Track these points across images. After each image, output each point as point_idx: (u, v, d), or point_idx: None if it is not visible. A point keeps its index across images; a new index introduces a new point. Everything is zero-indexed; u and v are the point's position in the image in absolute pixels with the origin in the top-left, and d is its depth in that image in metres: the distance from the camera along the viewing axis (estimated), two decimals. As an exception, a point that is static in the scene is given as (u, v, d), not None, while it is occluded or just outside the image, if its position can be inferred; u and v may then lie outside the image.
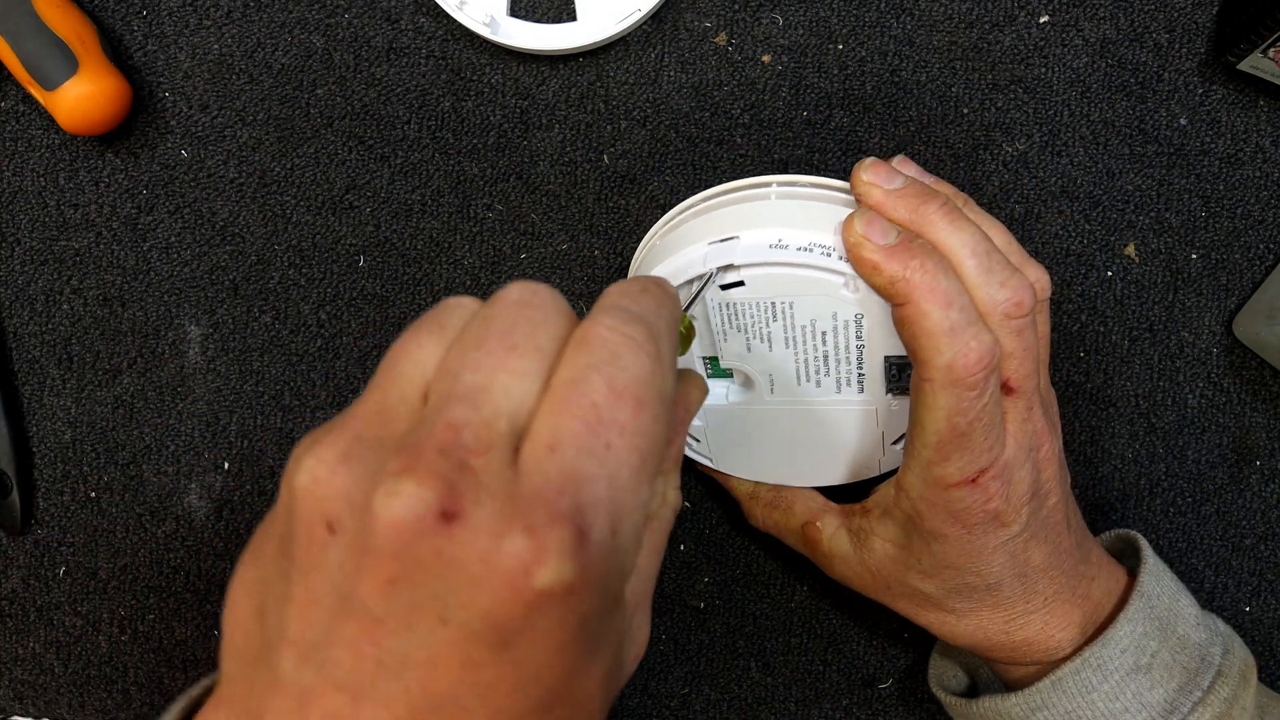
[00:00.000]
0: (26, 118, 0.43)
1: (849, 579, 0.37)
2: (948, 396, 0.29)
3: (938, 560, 0.33)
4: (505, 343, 0.22)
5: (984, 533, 0.32)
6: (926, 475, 0.31)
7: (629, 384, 0.22)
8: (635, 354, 0.22)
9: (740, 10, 0.41)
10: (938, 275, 0.29)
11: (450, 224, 0.43)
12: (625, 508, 0.21)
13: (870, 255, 0.30)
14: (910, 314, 0.30)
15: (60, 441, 0.45)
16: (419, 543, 0.19)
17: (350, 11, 0.42)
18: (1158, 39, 0.40)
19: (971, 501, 0.31)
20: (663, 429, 0.22)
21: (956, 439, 0.30)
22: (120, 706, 0.46)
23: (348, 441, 0.21)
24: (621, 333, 0.22)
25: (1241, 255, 0.41)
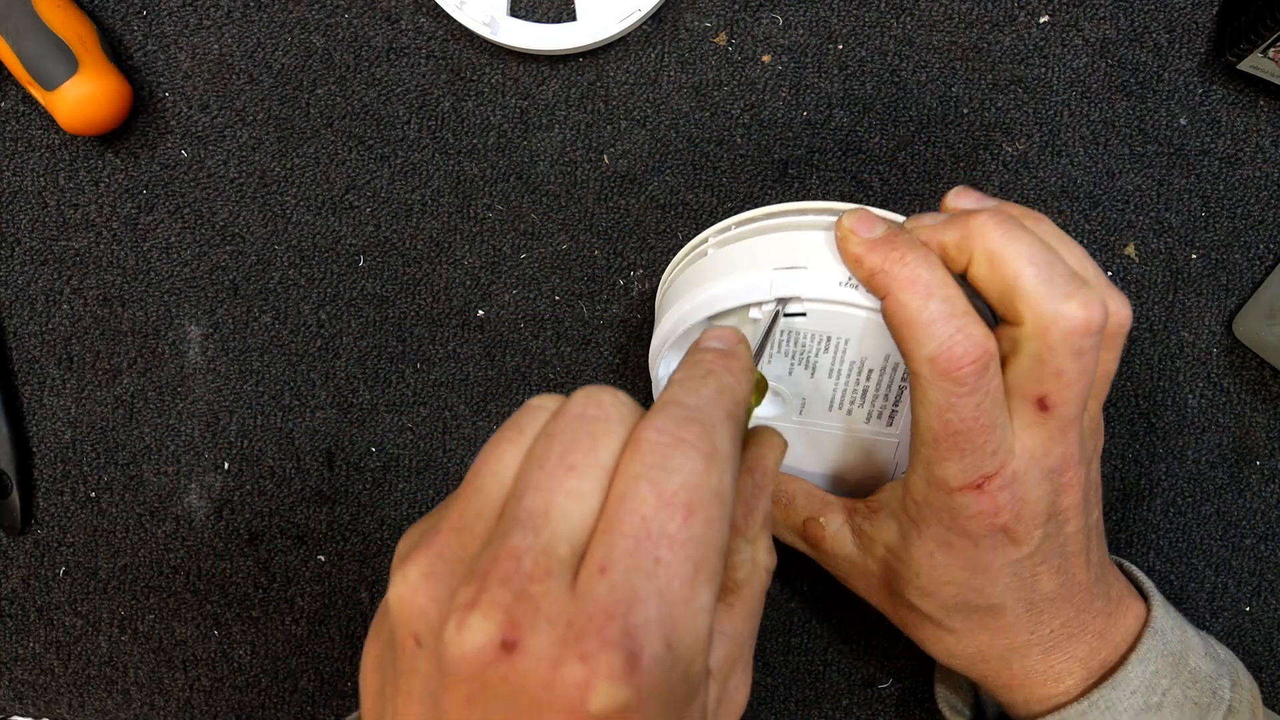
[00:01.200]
0: (26, 118, 0.43)
1: (851, 579, 0.36)
2: (935, 391, 0.28)
3: (939, 574, 0.31)
4: (565, 463, 0.23)
5: (991, 548, 0.30)
6: (929, 476, 0.30)
7: (678, 490, 0.22)
8: (685, 456, 0.22)
9: (740, 10, 0.41)
10: (917, 267, 0.29)
11: (450, 224, 0.43)
12: (681, 619, 0.21)
13: (853, 249, 0.30)
14: (890, 307, 0.29)
15: (60, 441, 0.45)
16: (487, 671, 0.21)
17: (350, 11, 0.42)
18: (1158, 39, 0.40)
19: (978, 510, 0.29)
20: (718, 528, 0.22)
21: (951, 437, 0.29)
22: (120, 706, 0.46)
23: (430, 561, 0.23)
24: (672, 435, 0.23)
25: (1241, 255, 0.41)
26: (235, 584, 0.45)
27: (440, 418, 0.44)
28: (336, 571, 0.45)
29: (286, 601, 0.45)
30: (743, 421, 0.25)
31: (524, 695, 0.21)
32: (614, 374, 0.43)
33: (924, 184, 0.41)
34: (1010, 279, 0.28)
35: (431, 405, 0.44)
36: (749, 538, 0.27)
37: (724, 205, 0.42)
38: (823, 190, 0.41)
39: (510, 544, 0.22)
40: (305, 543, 0.45)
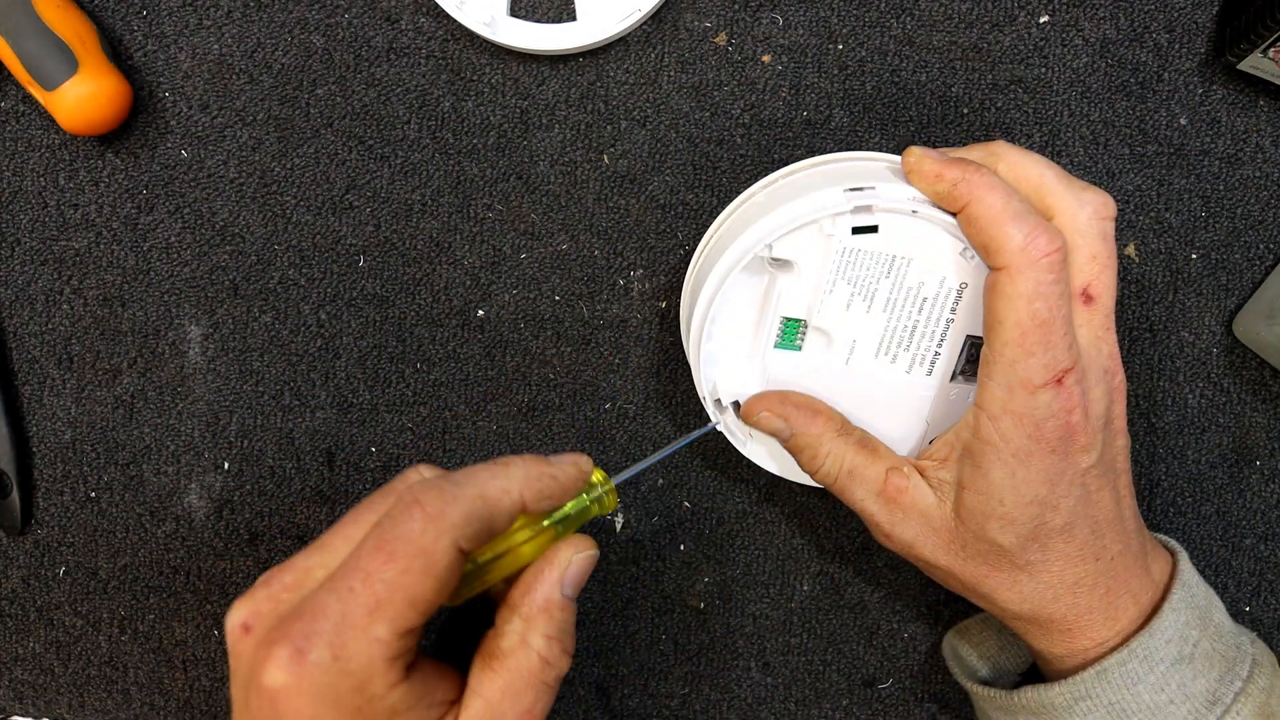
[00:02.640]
0: (26, 118, 0.43)
1: (921, 539, 0.35)
2: (1026, 281, 0.30)
3: (1021, 493, 0.32)
4: (354, 516, 0.31)
5: (1064, 453, 0.31)
6: (1011, 379, 0.31)
7: (390, 539, 0.28)
8: (409, 514, 0.28)
9: (740, 10, 0.41)
10: (993, 175, 0.31)
11: (450, 224, 0.43)
12: (351, 639, 0.27)
13: (931, 165, 0.32)
14: (976, 210, 0.31)
15: (60, 441, 0.45)
16: (234, 644, 0.30)
17: (350, 11, 0.42)
18: (1158, 39, 0.40)
19: (1057, 407, 0.31)
20: (415, 579, 0.27)
21: (1039, 328, 0.30)
22: (120, 706, 0.46)
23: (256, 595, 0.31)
24: (412, 495, 0.28)
25: (1241, 255, 0.41)
26: (235, 584, 0.45)
27: (440, 418, 0.44)
28: (336, 571, 0.45)
29: (286, 601, 0.45)
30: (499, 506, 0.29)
31: (241, 663, 0.29)
32: (614, 374, 0.43)
33: (924, 184, 0.41)
34: (1035, 179, 0.32)
35: (431, 405, 0.44)
36: (522, 614, 0.31)
37: (724, 205, 0.42)
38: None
39: (294, 561, 0.30)
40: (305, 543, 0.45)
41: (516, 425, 0.44)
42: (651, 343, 0.43)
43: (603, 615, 0.44)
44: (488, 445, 0.44)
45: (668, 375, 0.43)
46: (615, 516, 0.44)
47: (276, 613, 0.29)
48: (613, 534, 0.44)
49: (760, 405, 0.37)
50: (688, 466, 0.43)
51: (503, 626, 0.31)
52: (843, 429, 0.36)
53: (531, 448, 0.44)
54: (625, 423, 0.43)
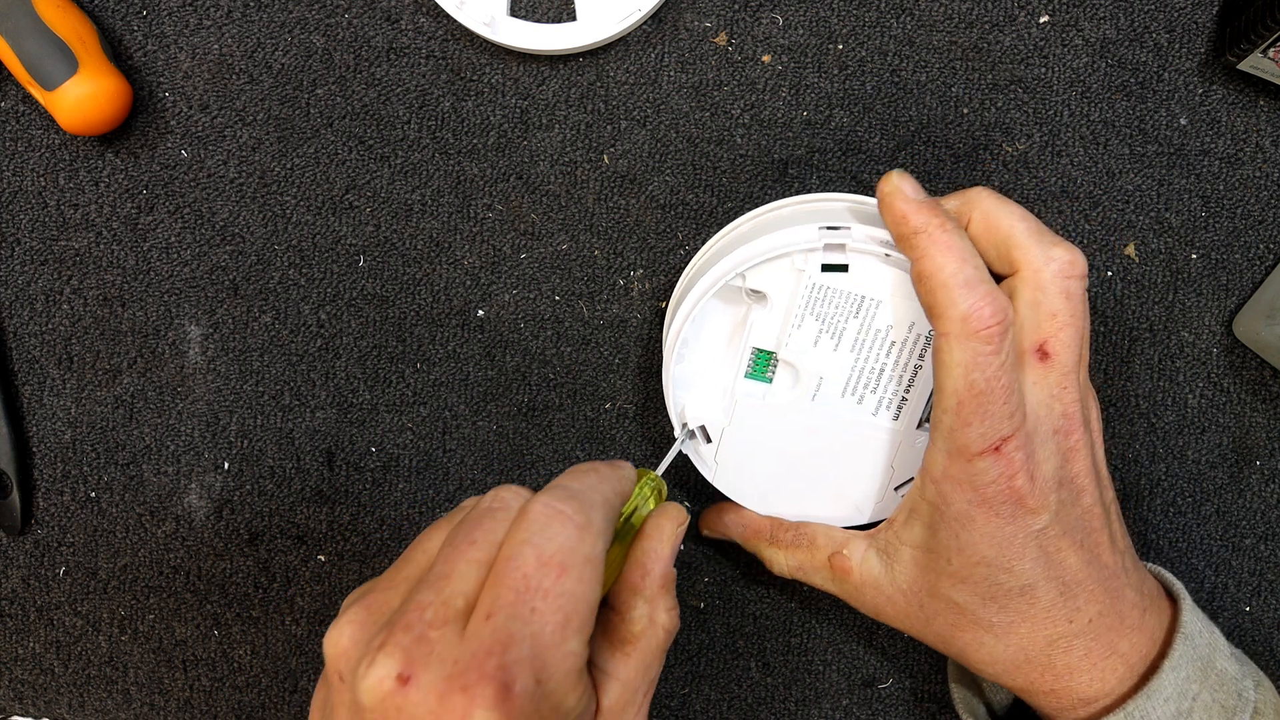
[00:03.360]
0: (26, 118, 0.43)
1: (882, 608, 0.36)
2: (964, 350, 0.30)
3: (967, 555, 0.32)
4: (468, 539, 0.28)
5: (1011, 517, 0.31)
6: (950, 445, 0.31)
7: (555, 553, 0.27)
8: (563, 526, 0.28)
9: (740, 10, 0.41)
10: (955, 234, 0.31)
11: (450, 224, 0.43)
12: (551, 659, 0.26)
13: (901, 205, 0.31)
14: (928, 268, 0.31)
15: (60, 441, 0.45)
16: (386, 701, 0.26)
17: (350, 11, 0.42)
18: (1158, 39, 0.40)
19: (996, 474, 0.30)
20: (589, 586, 0.27)
21: (975, 398, 0.30)
22: (120, 706, 0.46)
23: (358, 613, 0.28)
24: (553, 508, 0.28)
25: (1241, 255, 0.41)
26: (235, 584, 0.45)
27: (440, 418, 0.44)
28: (336, 571, 0.45)
29: (286, 601, 0.45)
30: (617, 510, 0.31)
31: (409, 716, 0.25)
32: (614, 374, 0.43)
33: (924, 184, 0.41)
34: (1005, 231, 0.32)
35: (431, 405, 0.44)
36: (646, 596, 0.31)
37: (724, 205, 0.42)
38: (823, 190, 0.41)
39: (417, 599, 0.27)
40: (305, 543, 0.45)
41: (516, 425, 0.44)
42: (651, 343, 0.43)
43: (603, 615, 0.44)
44: (488, 445, 0.44)
45: (668, 375, 0.43)
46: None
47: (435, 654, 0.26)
48: (613, 534, 0.44)
49: (704, 523, 0.41)
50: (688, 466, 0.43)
51: (628, 612, 0.31)
52: (772, 536, 0.38)
53: (531, 448, 0.44)
54: (625, 423, 0.43)
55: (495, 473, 0.44)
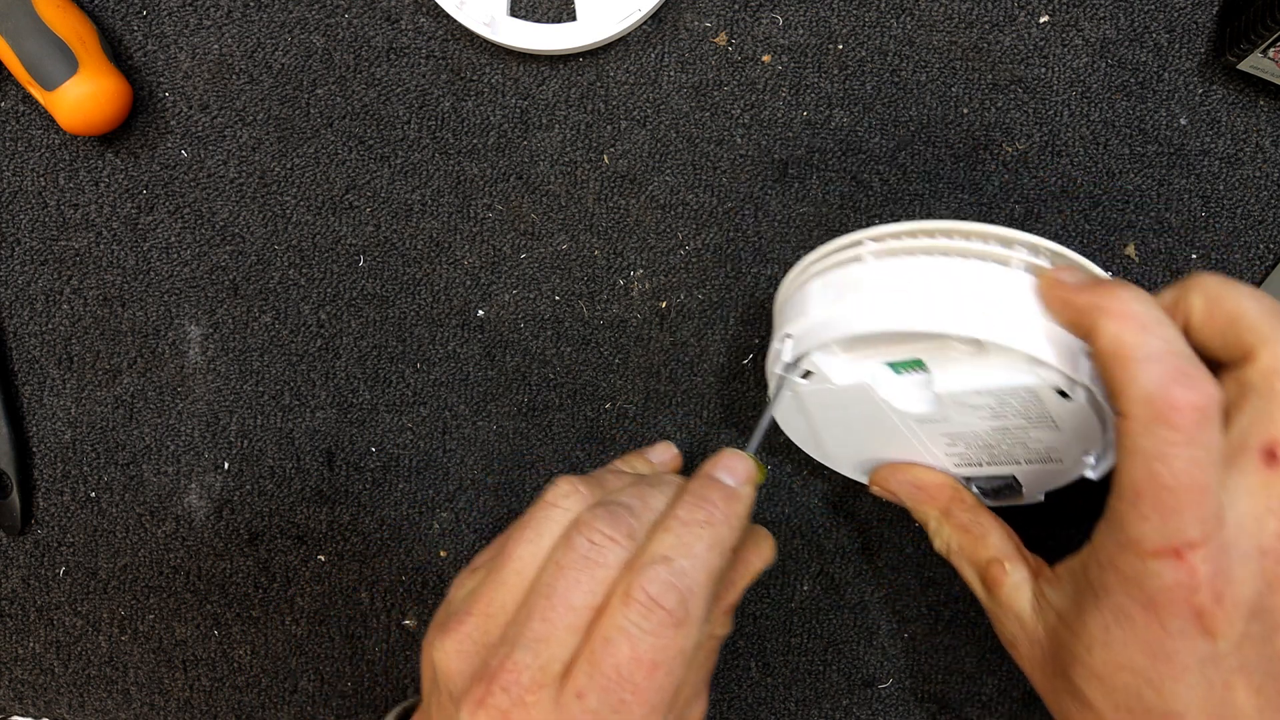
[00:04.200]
0: (26, 118, 0.43)
1: (1015, 643, 0.33)
2: (1147, 438, 0.25)
3: (1113, 654, 0.28)
4: (566, 602, 0.29)
5: (1179, 634, 0.26)
6: (1120, 534, 0.27)
7: (648, 650, 0.28)
8: (661, 623, 0.28)
9: (740, 10, 0.41)
10: (1132, 302, 0.27)
11: (450, 224, 0.43)
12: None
13: (1061, 292, 0.28)
14: (1101, 342, 0.27)
15: (60, 441, 0.45)
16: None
17: (350, 11, 0.42)
18: (1158, 39, 0.40)
19: (1171, 581, 0.26)
20: (677, 678, 0.28)
21: (1155, 494, 0.25)
22: (120, 706, 0.46)
23: (461, 640, 0.30)
24: (654, 601, 0.28)
25: (1241, 255, 0.41)
26: (235, 584, 0.45)
27: (440, 418, 0.44)
28: (336, 571, 0.45)
29: (286, 601, 0.45)
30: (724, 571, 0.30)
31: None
32: (614, 374, 0.43)
33: (924, 184, 0.41)
34: (1235, 312, 0.28)
35: (431, 405, 0.44)
36: (710, 619, 0.31)
37: (724, 205, 0.42)
38: (822, 190, 0.41)
39: (515, 658, 0.28)
40: (305, 543, 0.45)
41: (516, 425, 0.44)
42: (651, 343, 0.43)
43: (603, 615, 0.44)
44: (488, 445, 0.44)
45: (668, 375, 0.43)
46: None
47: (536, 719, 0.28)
48: (613, 534, 0.44)
49: (875, 478, 0.38)
50: (688, 467, 0.43)
51: None
52: (948, 510, 0.36)
53: (531, 448, 0.44)
54: (625, 423, 0.43)
55: (495, 473, 0.44)
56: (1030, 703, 0.43)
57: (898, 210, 0.41)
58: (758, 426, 0.35)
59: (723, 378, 0.43)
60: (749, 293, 0.42)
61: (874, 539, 0.43)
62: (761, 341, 0.42)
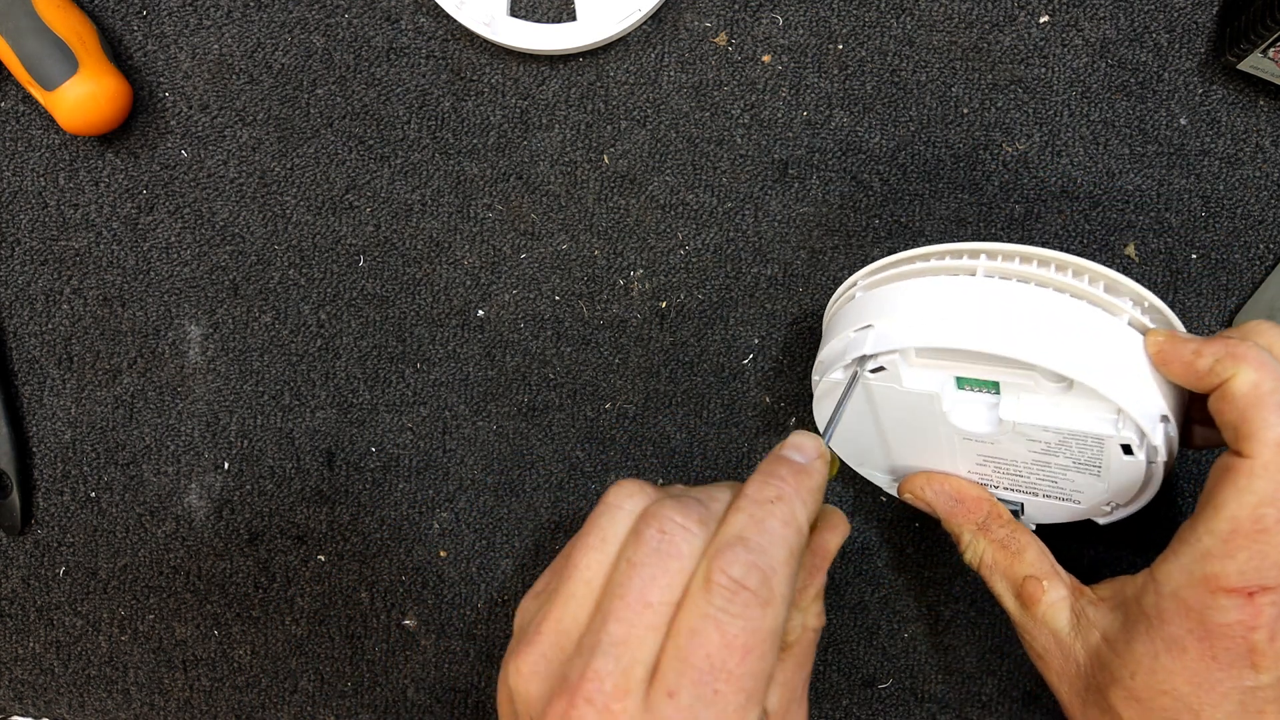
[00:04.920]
0: (26, 118, 0.43)
1: (1047, 659, 0.33)
2: (1268, 481, 0.27)
3: (1157, 680, 0.29)
4: (643, 599, 0.27)
5: (1228, 664, 0.28)
6: (1197, 568, 0.28)
7: (739, 634, 0.26)
8: (746, 604, 0.27)
9: (740, 10, 0.41)
10: (1262, 351, 0.28)
11: (450, 224, 0.43)
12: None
13: (1186, 348, 0.29)
14: (1238, 387, 0.28)
15: (60, 441, 0.45)
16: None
17: (350, 11, 0.42)
18: (1158, 39, 0.40)
19: (1235, 618, 0.27)
20: (769, 660, 0.27)
21: (1256, 534, 0.27)
22: (120, 706, 0.46)
23: (535, 659, 0.28)
24: (737, 583, 0.27)
25: (1241, 255, 0.41)
26: (235, 584, 0.45)
27: (440, 418, 0.44)
28: (336, 571, 0.45)
29: (286, 601, 0.45)
30: (803, 548, 0.29)
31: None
32: (614, 374, 0.43)
33: (924, 184, 0.41)
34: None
35: (431, 405, 0.44)
36: (801, 608, 0.31)
37: (724, 205, 0.42)
38: (822, 190, 0.41)
39: (595, 666, 0.27)
40: (305, 543, 0.45)
41: (516, 425, 0.44)
42: (651, 343, 0.43)
43: (603, 615, 0.44)
44: (488, 445, 0.44)
45: (668, 375, 0.43)
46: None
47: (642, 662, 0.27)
48: (613, 534, 0.44)
49: (908, 485, 0.38)
50: (688, 466, 0.43)
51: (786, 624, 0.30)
52: (985, 524, 0.36)
53: (531, 448, 0.44)
54: (625, 423, 0.43)
55: (495, 473, 0.44)
56: (1030, 703, 0.43)
57: (898, 210, 0.41)
58: (834, 415, 0.33)
59: (723, 378, 0.43)
60: (749, 293, 0.42)
61: (873, 539, 0.43)
62: (761, 341, 0.42)
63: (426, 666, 0.45)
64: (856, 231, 0.41)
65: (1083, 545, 0.42)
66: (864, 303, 0.34)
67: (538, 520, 0.44)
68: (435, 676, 0.45)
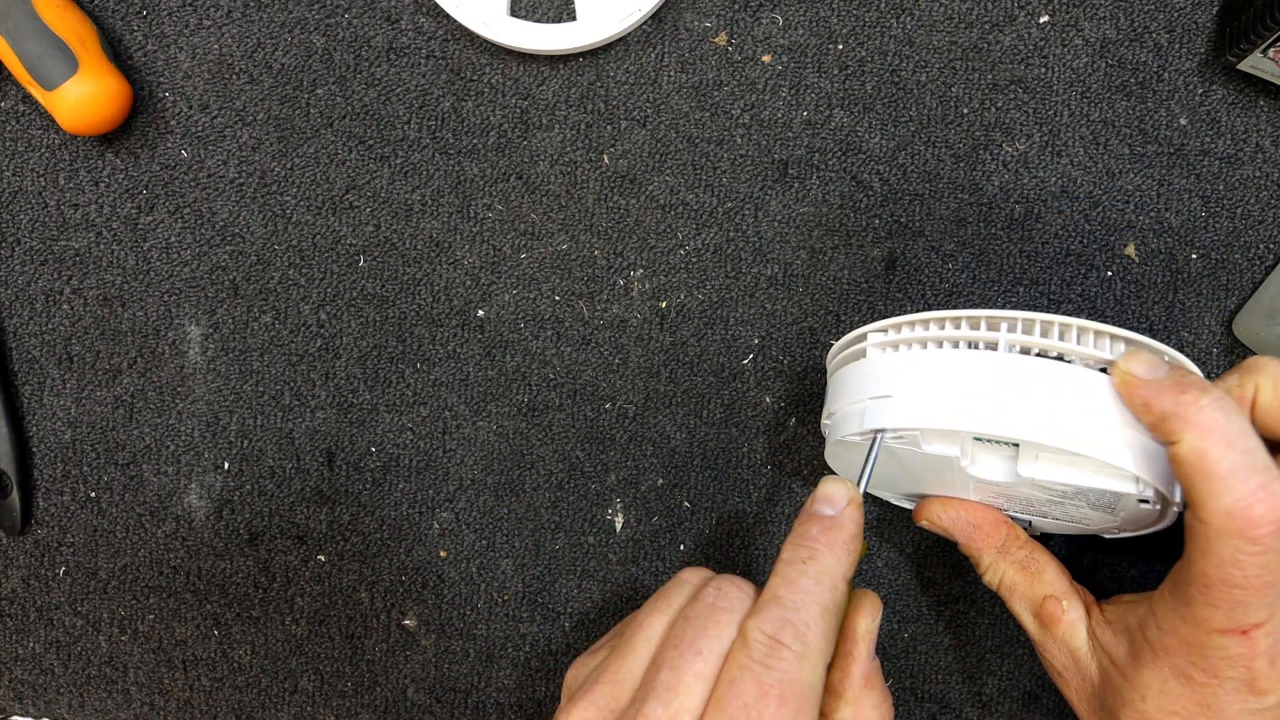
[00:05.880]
0: (26, 118, 0.43)
1: (1065, 676, 0.34)
2: (1224, 546, 0.27)
3: (1166, 704, 0.30)
4: (694, 648, 0.29)
5: (1233, 691, 0.29)
6: (1188, 612, 0.29)
7: (774, 684, 0.27)
8: (781, 656, 0.28)
9: (740, 10, 0.41)
10: (1217, 411, 0.28)
11: (450, 224, 0.43)
12: None
13: (1140, 392, 0.29)
14: (1183, 453, 0.28)
15: (60, 441, 0.45)
16: None
17: (350, 11, 0.42)
18: (1158, 39, 0.40)
19: (1234, 653, 0.28)
20: (806, 713, 0.28)
21: (1227, 590, 0.27)
22: (120, 706, 0.46)
23: (588, 707, 0.30)
24: (772, 637, 0.28)
25: (1241, 255, 0.41)
26: (235, 584, 0.45)
27: (440, 418, 0.44)
28: (336, 571, 0.45)
29: (286, 601, 0.45)
30: (840, 604, 0.30)
31: None
32: (614, 374, 0.43)
33: (924, 184, 0.41)
34: None
35: (431, 405, 0.44)
36: (848, 699, 0.31)
37: (724, 205, 0.42)
38: (822, 190, 0.41)
39: (645, 710, 0.28)
40: (305, 543, 0.45)
41: (516, 425, 0.44)
42: (651, 343, 0.43)
43: (602, 615, 0.44)
44: (488, 445, 0.44)
45: (668, 375, 0.43)
46: (615, 516, 0.44)
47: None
48: (612, 534, 0.44)
49: (925, 511, 0.38)
50: (688, 466, 0.43)
51: (832, 716, 0.31)
52: (1004, 547, 0.36)
53: (531, 448, 0.44)
54: (625, 423, 0.43)
55: (495, 473, 0.44)
56: (1030, 703, 0.43)
57: (898, 210, 0.41)
58: (861, 477, 0.34)
59: (723, 378, 0.43)
60: (749, 293, 0.42)
61: (873, 540, 0.43)
62: (761, 341, 0.42)
63: (426, 666, 0.45)
64: (856, 231, 0.41)
65: (1084, 551, 0.42)
66: (879, 367, 0.34)
67: (538, 520, 0.44)
68: (435, 676, 0.45)
